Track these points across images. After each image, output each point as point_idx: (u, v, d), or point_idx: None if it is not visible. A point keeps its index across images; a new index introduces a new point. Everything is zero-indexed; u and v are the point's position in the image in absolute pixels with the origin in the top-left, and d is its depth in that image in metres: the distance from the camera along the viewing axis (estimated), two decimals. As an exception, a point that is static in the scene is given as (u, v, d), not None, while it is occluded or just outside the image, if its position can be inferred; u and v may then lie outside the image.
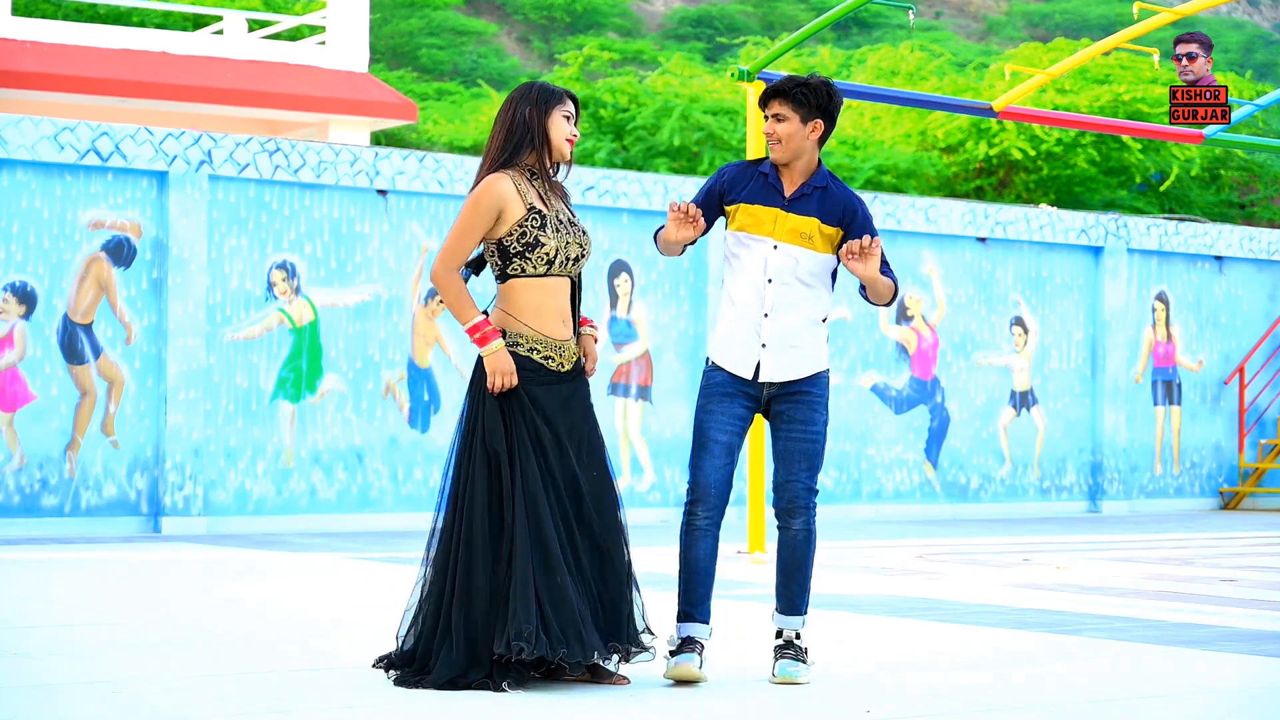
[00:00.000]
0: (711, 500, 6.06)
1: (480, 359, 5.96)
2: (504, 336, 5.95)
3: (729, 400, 6.10)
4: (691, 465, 6.10)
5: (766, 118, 6.14)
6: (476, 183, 6.00)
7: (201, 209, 13.57)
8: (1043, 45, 28.86)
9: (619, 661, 5.93)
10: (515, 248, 5.95)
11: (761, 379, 6.09)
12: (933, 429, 17.06)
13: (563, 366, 6.01)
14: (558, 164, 6.11)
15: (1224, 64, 41.44)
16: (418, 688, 5.71)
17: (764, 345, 6.07)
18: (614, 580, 5.93)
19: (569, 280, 6.06)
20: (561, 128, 6.03)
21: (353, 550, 11.80)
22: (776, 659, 6.08)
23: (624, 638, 5.92)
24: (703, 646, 6.04)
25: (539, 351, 5.96)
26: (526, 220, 5.94)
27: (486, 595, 5.77)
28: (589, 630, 5.78)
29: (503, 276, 6.01)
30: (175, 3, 24.69)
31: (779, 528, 6.19)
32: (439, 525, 5.93)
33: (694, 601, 6.07)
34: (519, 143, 6.00)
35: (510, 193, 5.95)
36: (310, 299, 14.06)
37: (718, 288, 15.78)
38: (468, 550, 5.80)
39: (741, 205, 6.13)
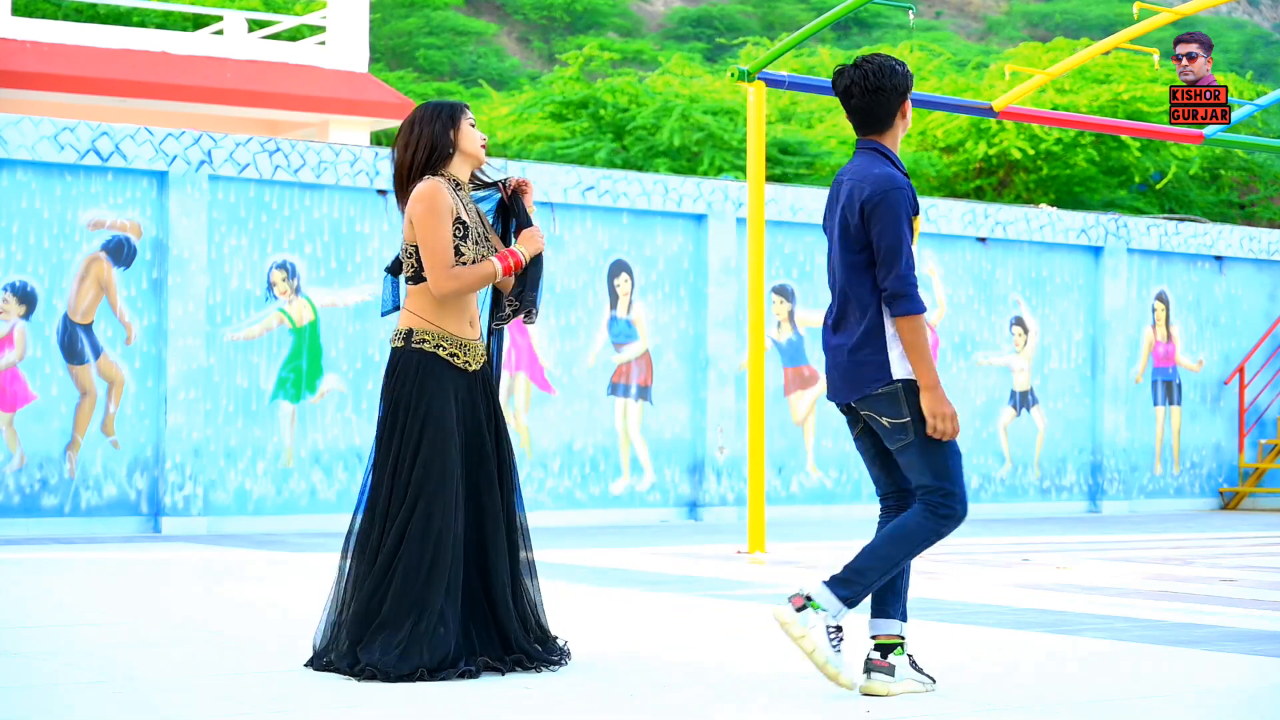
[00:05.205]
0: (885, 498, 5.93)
1: (391, 367, 6.08)
2: (410, 336, 6.05)
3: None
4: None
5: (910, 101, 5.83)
6: (403, 193, 6.09)
7: (201, 209, 13.57)
8: (1042, 45, 28.86)
9: (537, 663, 6.04)
10: None
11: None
12: (933, 429, 17.03)
13: (469, 365, 6.12)
14: (474, 172, 6.26)
15: (1224, 64, 41.44)
16: (374, 679, 5.76)
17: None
18: (514, 585, 6.07)
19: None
20: (474, 137, 6.18)
21: (353, 550, 11.77)
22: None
23: (531, 639, 6.07)
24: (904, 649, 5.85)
25: (444, 348, 6.06)
26: (453, 230, 6.06)
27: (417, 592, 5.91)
28: (485, 642, 5.98)
29: (415, 279, 6.13)
30: (175, 3, 24.68)
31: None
32: (357, 526, 6.08)
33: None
34: (437, 160, 6.12)
35: (450, 198, 6.07)
36: (310, 299, 14.06)
37: (718, 287, 15.78)
38: (390, 546, 5.94)
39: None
